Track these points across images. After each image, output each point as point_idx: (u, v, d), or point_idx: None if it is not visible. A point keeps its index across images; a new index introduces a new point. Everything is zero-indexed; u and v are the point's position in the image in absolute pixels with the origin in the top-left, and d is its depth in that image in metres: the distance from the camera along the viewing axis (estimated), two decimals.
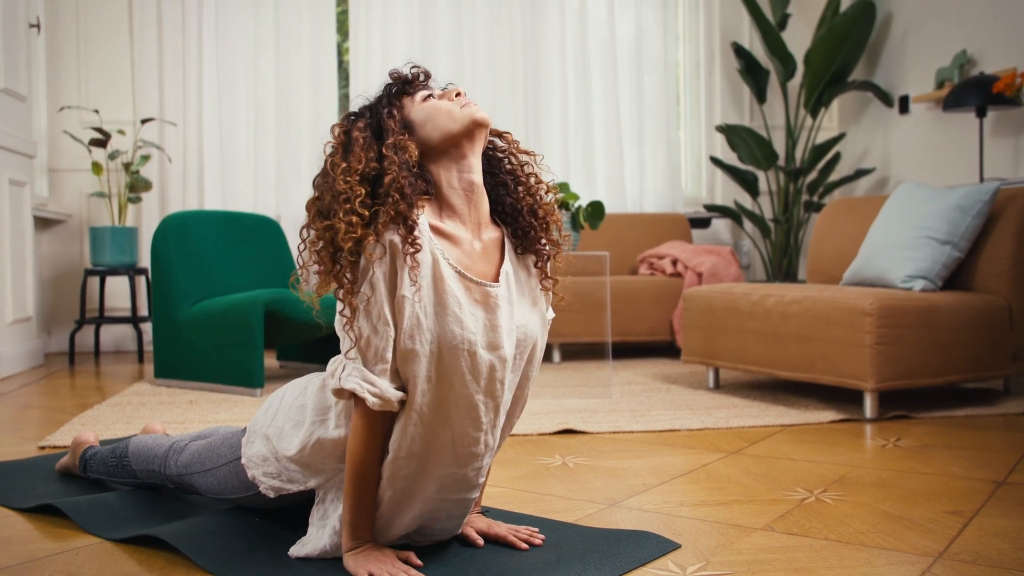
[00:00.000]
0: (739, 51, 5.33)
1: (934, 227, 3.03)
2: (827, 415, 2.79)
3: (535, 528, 1.60)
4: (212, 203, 4.88)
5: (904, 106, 5.02)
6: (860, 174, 5.16)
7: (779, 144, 5.47)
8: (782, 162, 5.40)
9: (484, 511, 1.69)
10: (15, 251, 4.08)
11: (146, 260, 4.77)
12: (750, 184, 5.29)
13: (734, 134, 5.19)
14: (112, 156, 4.57)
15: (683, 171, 5.59)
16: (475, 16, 5.12)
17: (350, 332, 1.36)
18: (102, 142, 4.46)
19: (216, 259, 3.74)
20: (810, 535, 1.63)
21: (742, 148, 5.21)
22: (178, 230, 3.65)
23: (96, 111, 4.67)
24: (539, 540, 1.56)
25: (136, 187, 4.61)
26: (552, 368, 4.11)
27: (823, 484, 1.99)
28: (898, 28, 5.08)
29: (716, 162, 5.34)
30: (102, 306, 4.71)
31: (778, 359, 3.04)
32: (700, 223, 5.42)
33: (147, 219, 4.85)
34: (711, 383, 3.41)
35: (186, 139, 4.87)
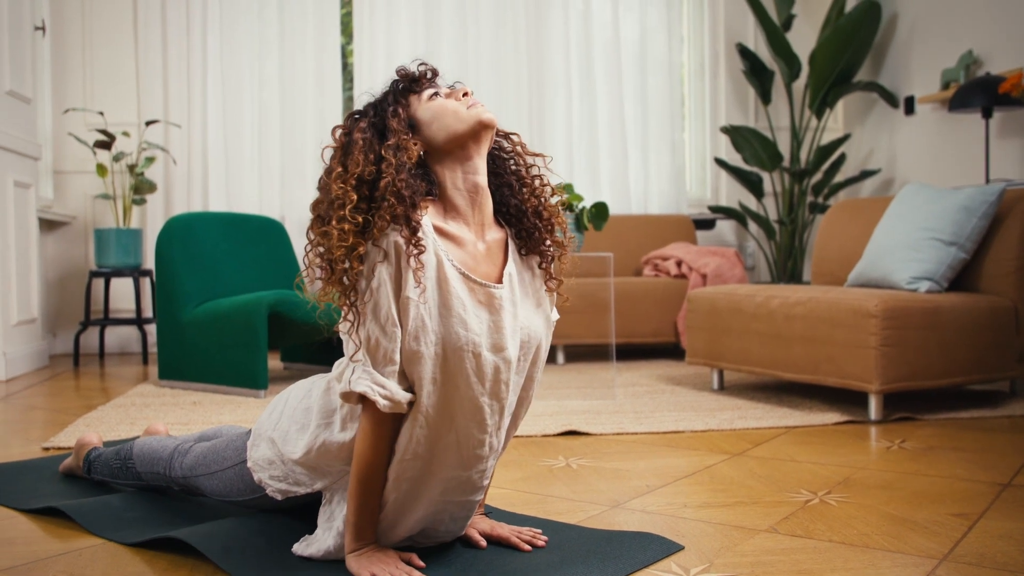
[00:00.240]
0: (744, 52, 5.32)
1: (939, 228, 3.02)
2: (831, 417, 2.78)
3: (538, 529, 1.60)
4: (216, 205, 4.89)
5: (909, 107, 5.00)
6: (865, 175, 5.15)
7: (784, 145, 5.45)
8: (787, 163, 5.39)
9: (487, 512, 1.69)
10: (20, 253, 4.09)
11: (151, 262, 4.77)
12: (755, 185, 5.28)
13: (739, 135, 5.19)
14: (117, 158, 4.58)
15: (687, 172, 5.58)
16: (479, 18, 5.12)
17: (354, 336, 1.35)
18: (107, 144, 4.47)
19: (220, 261, 3.75)
20: (814, 537, 1.62)
21: (747, 149, 5.21)
22: (182, 232, 3.65)
23: (101, 113, 4.67)
24: (542, 542, 1.56)
25: (141, 189, 4.62)
26: (556, 369, 4.11)
27: (827, 486, 1.99)
28: (903, 28, 5.07)
29: (720, 163, 5.33)
30: (107, 308, 4.71)
31: (782, 361, 3.03)
32: (704, 224, 5.41)
33: (152, 221, 4.86)
34: (715, 385, 3.41)
35: (190, 141, 4.88)
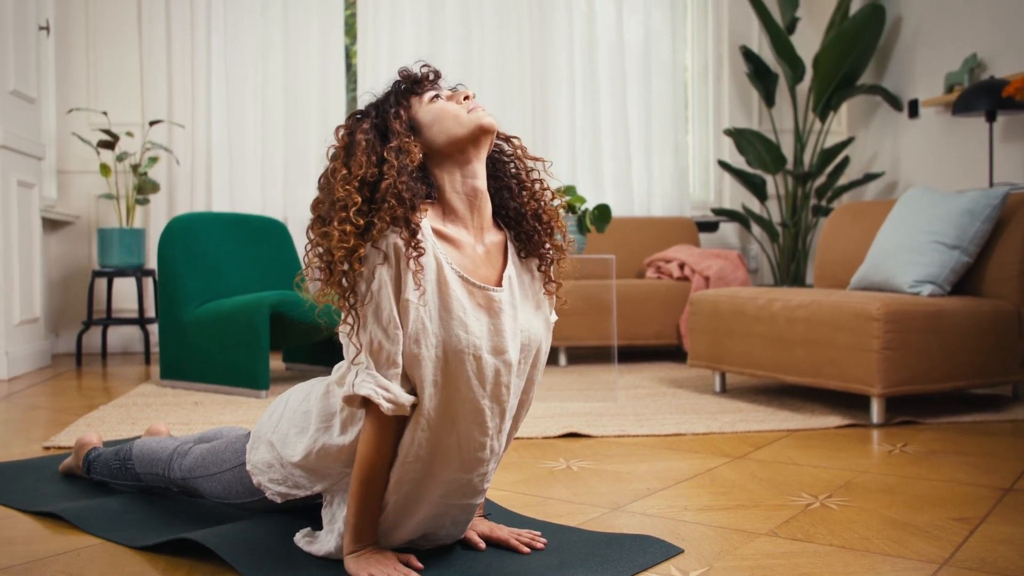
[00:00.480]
0: (748, 55, 5.31)
1: (943, 232, 3.02)
2: (833, 420, 2.78)
3: (537, 532, 1.60)
4: (220, 205, 4.89)
5: (913, 110, 4.99)
6: (869, 178, 5.14)
7: (787, 148, 5.45)
8: (790, 166, 5.38)
9: (486, 514, 1.68)
10: (23, 252, 4.10)
11: (154, 262, 4.78)
12: (758, 188, 5.27)
13: (742, 138, 5.18)
14: (120, 158, 4.58)
15: (691, 175, 5.57)
16: (483, 19, 5.12)
17: (355, 339, 1.35)
18: (110, 144, 4.48)
19: (222, 261, 3.75)
20: (815, 541, 1.62)
21: (750, 152, 5.20)
22: (184, 232, 3.66)
23: (105, 113, 4.68)
24: (541, 544, 1.55)
25: (144, 189, 4.62)
26: (558, 371, 4.11)
27: (828, 489, 1.98)
28: (907, 32, 5.06)
29: (724, 166, 5.32)
30: (109, 307, 4.72)
31: (784, 364, 3.02)
32: (708, 227, 5.40)
33: (155, 221, 4.86)
34: (717, 387, 3.40)
35: (194, 141, 4.88)
